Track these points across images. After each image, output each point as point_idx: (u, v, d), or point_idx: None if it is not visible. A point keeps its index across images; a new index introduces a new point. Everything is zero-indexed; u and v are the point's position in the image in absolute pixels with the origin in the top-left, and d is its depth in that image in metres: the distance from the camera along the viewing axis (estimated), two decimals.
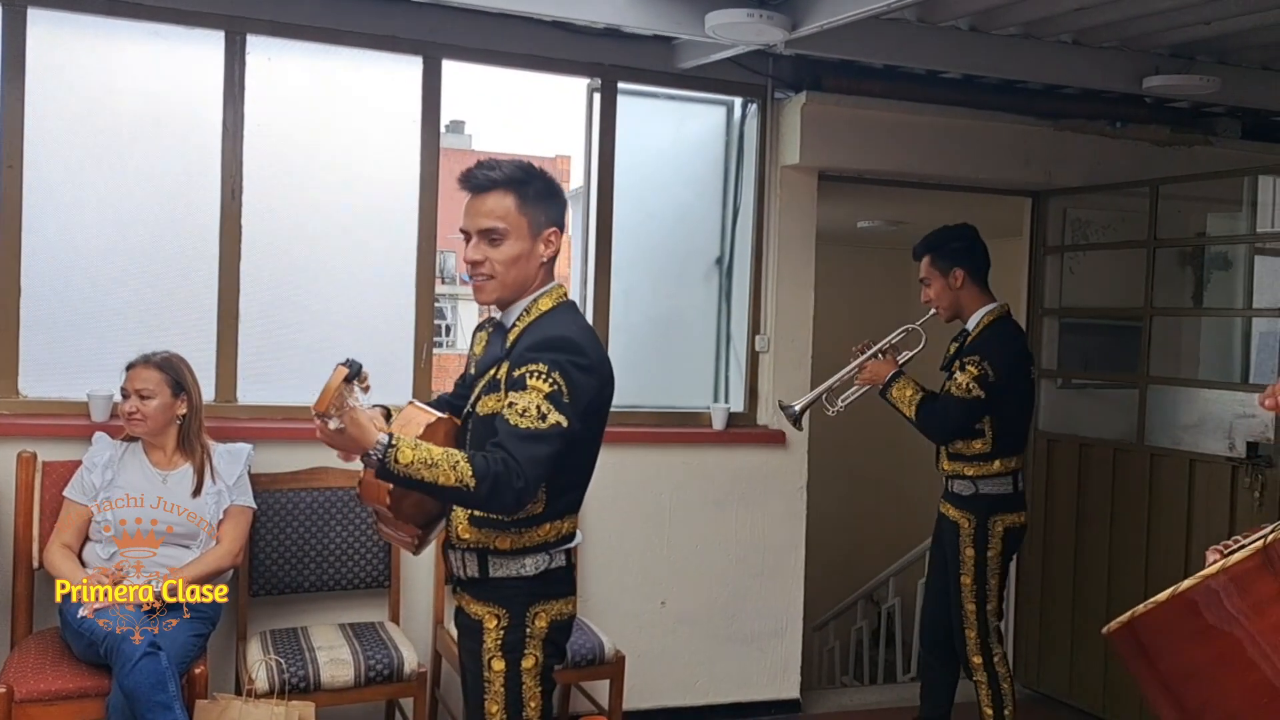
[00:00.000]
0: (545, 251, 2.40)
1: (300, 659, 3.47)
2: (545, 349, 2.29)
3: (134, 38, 3.86)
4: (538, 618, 2.37)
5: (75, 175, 3.84)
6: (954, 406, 3.70)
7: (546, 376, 2.25)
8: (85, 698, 3.15)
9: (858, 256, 8.08)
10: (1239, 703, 1.70)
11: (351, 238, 4.13)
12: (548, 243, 2.40)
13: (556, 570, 2.41)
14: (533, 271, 2.40)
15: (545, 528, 2.37)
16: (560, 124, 34.41)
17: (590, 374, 2.31)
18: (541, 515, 2.35)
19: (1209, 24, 3.87)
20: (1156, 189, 4.57)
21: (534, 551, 2.37)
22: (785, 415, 3.98)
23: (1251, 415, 4.31)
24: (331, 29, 3.97)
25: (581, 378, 2.28)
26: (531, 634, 2.36)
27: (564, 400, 2.25)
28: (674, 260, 4.73)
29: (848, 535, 7.59)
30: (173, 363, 3.51)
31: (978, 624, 3.84)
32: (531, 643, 2.37)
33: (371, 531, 3.87)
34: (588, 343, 2.35)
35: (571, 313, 2.45)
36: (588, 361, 2.31)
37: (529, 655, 2.36)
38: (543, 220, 2.39)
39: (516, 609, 2.37)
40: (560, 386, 2.25)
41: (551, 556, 2.39)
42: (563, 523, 2.40)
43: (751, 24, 3.55)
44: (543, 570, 2.37)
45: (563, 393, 2.25)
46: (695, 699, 4.54)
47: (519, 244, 2.37)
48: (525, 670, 2.36)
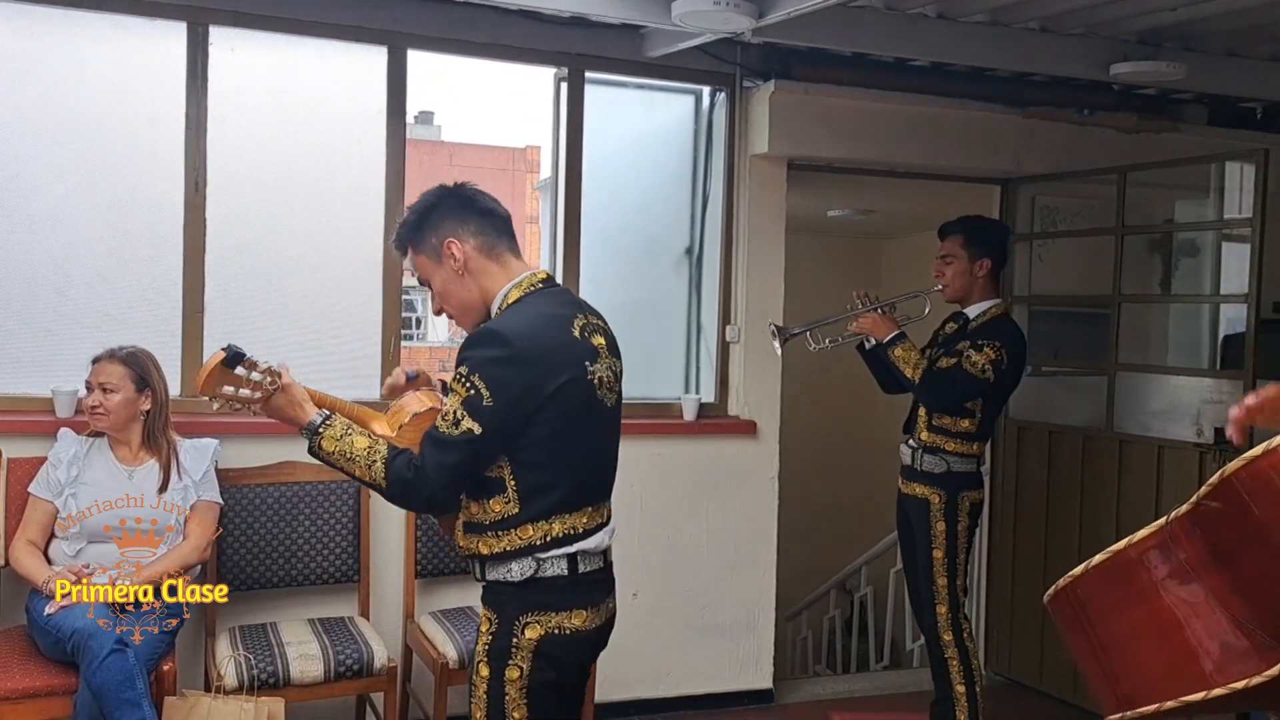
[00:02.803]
0: (456, 263, 2.33)
1: (269, 655, 3.44)
2: (466, 349, 2.23)
3: (95, 29, 3.80)
4: (528, 628, 2.25)
5: (36, 168, 3.79)
6: (963, 381, 3.78)
7: (465, 380, 2.18)
8: (53, 695, 3.13)
9: (828, 245, 8.10)
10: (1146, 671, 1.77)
11: (318, 230, 4.09)
12: (450, 255, 2.33)
13: (553, 579, 2.25)
14: (470, 285, 2.35)
15: (527, 530, 2.24)
16: (530, 114, 34.27)
17: (514, 366, 2.17)
18: (518, 516, 2.23)
19: (1175, 10, 3.89)
20: (1124, 176, 4.59)
21: (518, 556, 2.25)
22: (776, 335, 4.01)
23: (1219, 401, 4.34)
24: (294, 19, 3.93)
25: (501, 371, 2.17)
26: (518, 645, 2.25)
27: (483, 404, 2.15)
28: (643, 250, 4.72)
29: (820, 525, 7.61)
30: (138, 357, 3.47)
31: (949, 599, 3.90)
32: (518, 654, 2.25)
33: (340, 526, 3.87)
34: (520, 333, 2.21)
35: (536, 300, 2.33)
36: (508, 353, 2.18)
37: (514, 666, 2.25)
38: (432, 243, 2.35)
39: (505, 616, 2.27)
40: (477, 389, 2.16)
41: (540, 563, 2.24)
42: (550, 524, 2.24)
43: (718, 12, 3.54)
44: (530, 577, 2.24)
45: (481, 396, 2.16)
46: (668, 690, 4.54)
47: (438, 275, 2.36)
48: (509, 680, 2.25)
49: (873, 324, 3.96)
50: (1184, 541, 1.77)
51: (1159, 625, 1.77)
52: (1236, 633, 1.70)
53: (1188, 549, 1.76)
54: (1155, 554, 1.80)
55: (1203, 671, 1.70)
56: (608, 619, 2.40)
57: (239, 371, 2.30)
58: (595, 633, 2.35)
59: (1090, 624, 1.85)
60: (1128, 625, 1.80)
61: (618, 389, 2.40)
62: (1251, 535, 1.69)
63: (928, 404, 3.91)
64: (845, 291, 4.23)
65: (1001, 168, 4.88)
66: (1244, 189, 4.41)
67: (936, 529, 3.90)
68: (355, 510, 3.91)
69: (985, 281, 3.95)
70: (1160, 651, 1.76)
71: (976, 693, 3.93)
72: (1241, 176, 4.48)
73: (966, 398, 3.82)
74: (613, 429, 2.40)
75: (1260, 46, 4.41)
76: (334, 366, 4.06)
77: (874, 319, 3.97)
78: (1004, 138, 4.78)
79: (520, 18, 4.06)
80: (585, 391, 2.27)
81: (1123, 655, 1.81)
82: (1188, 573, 1.75)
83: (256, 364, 2.30)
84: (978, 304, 3.96)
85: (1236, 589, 1.71)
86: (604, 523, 2.36)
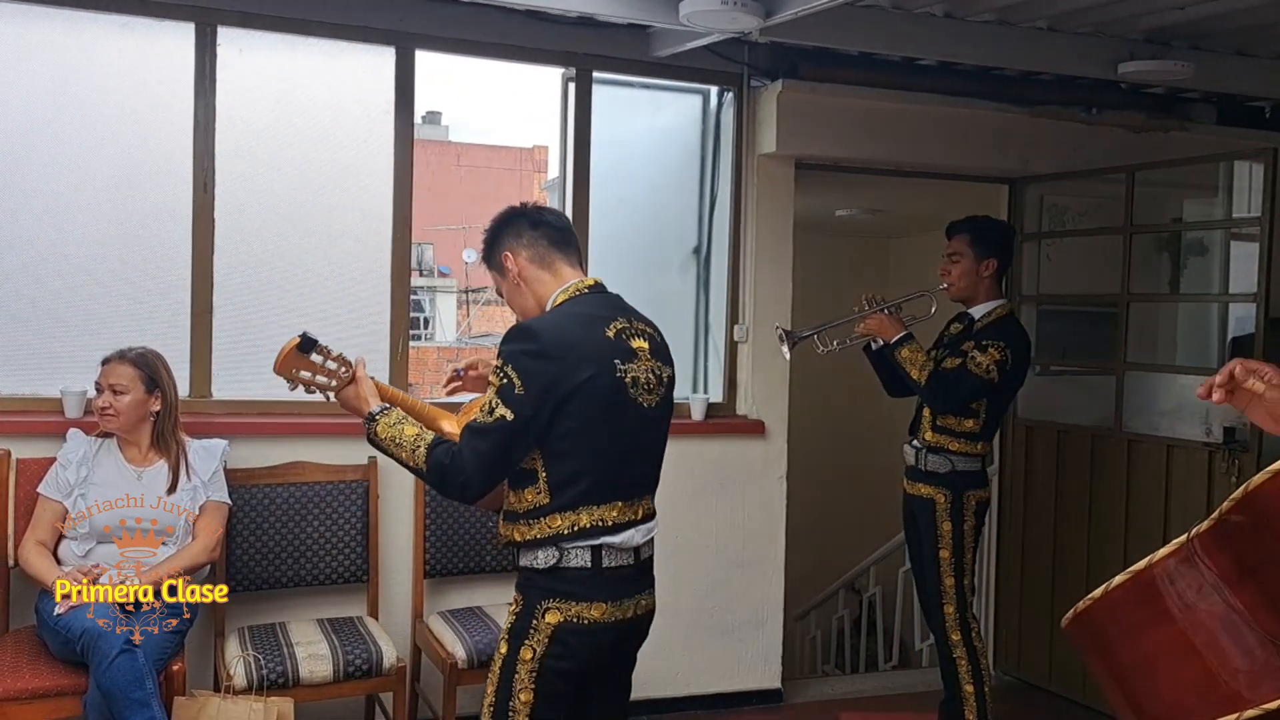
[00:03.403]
0: (512, 273, 2.56)
1: (279, 655, 3.45)
2: (503, 344, 2.40)
3: (102, 29, 3.81)
4: (548, 613, 2.40)
5: (43, 169, 3.79)
6: (968, 382, 3.78)
7: (500, 371, 2.36)
8: (62, 696, 3.13)
9: (836, 245, 8.09)
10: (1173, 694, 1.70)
11: (326, 230, 4.10)
12: (508, 266, 2.56)
13: (576, 569, 2.40)
14: (526, 293, 2.57)
15: (556, 519, 2.38)
16: (538, 114, 34.30)
17: (543, 359, 2.34)
18: (548, 506, 2.39)
19: (1183, 9, 3.88)
20: (1133, 175, 4.58)
21: (545, 545, 2.40)
22: (784, 339, 4.01)
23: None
24: (302, 20, 3.93)
25: (532, 364, 2.34)
26: (537, 627, 2.40)
27: (515, 392, 2.33)
28: (651, 250, 4.72)
29: (828, 524, 7.59)
30: (148, 359, 3.48)
31: (957, 598, 3.91)
32: (535, 635, 2.40)
33: (349, 526, 3.88)
34: (549, 329, 2.41)
35: (577, 303, 2.53)
36: (538, 347, 2.36)
37: (528, 647, 2.40)
38: (497, 259, 2.59)
39: (529, 599, 2.43)
40: (511, 379, 2.34)
41: (563, 552, 2.39)
42: (577, 515, 2.38)
43: (726, 11, 3.53)
44: (553, 565, 2.39)
45: (514, 385, 2.33)
46: (677, 690, 4.54)
47: (504, 286, 2.61)
48: (521, 660, 2.40)
49: (879, 325, 3.97)
50: (1208, 558, 1.71)
51: (1185, 645, 1.69)
52: (1268, 650, 1.63)
53: (1212, 565, 1.70)
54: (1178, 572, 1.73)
55: (1234, 691, 1.63)
56: (637, 615, 2.51)
57: (314, 358, 2.54)
58: (616, 626, 2.45)
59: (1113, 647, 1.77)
60: (1152, 647, 1.72)
61: (660, 392, 2.53)
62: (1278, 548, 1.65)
63: (933, 405, 3.91)
64: (853, 291, 4.23)
65: (1009, 167, 4.87)
66: (1252, 188, 4.40)
67: (943, 529, 3.90)
68: (364, 510, 3.91)
69: (990, 282, 3.96)
70: (1188, 672, 1.68)
71: (985, 692, 3.94)
72: (1250, 175, 4.47)
73: (971, 399, 3.83)
74: (652, 429, 2.53)
75: (1268, 45, 4.40)
76: None
77: (881, 320, 3.97)
78: (1012, 137, 4.77)
79: (527, 18, 4.06)
80: (613, 388, 2.40)
81: (1148, 678, 1.73)
82: (1213, 590, 1.69)
83: (330, 353, 2.54)
84: (983, 304, 3.96)
85: (1265, 604, 1.65)
86: (638, 520, 2.48)
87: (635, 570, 2.48)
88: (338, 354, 2.56)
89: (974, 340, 3.85)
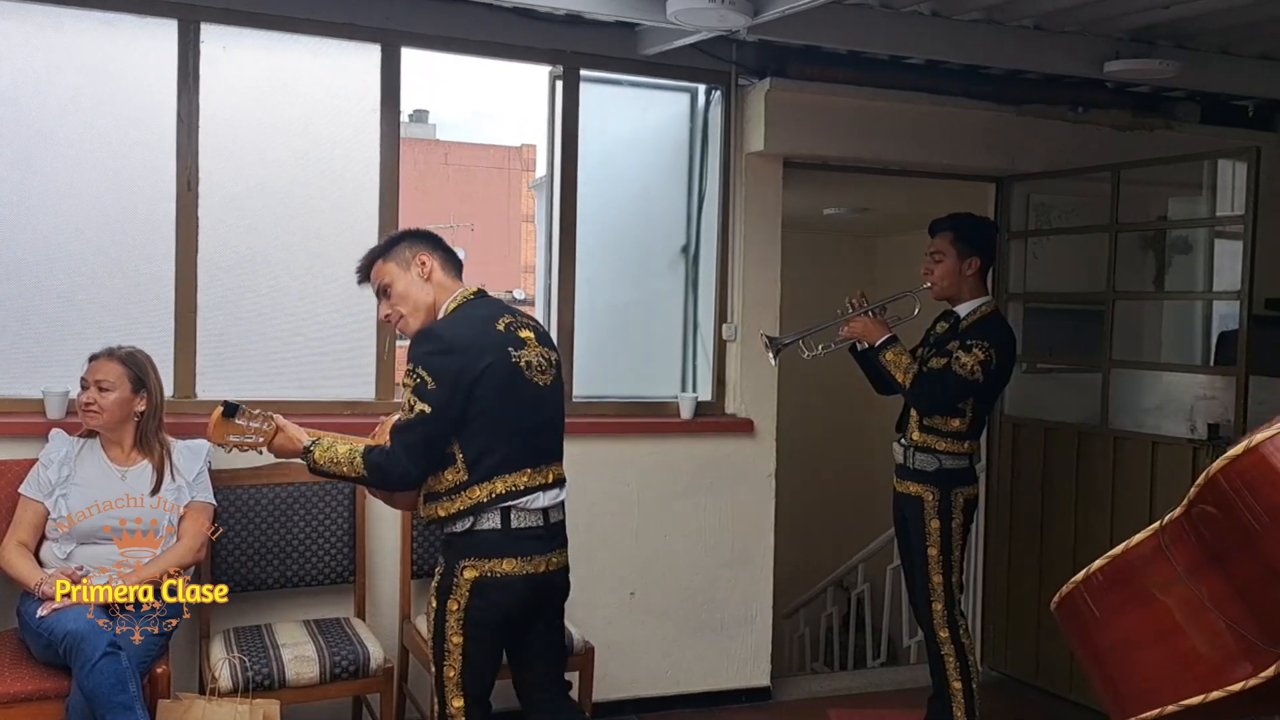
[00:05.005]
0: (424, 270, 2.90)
1: (264, 656, 3.43)
2: (412, 348, 2.78)
3: (83, 26, 3.78)
4: (465, 570, 2.79)
5: (24, 168, 3.76)
6: (954, 383, 3.78)
7: (412, 373, 2.74)
8: (45, 699, 3.10)
9: (824, 243, 8.09)
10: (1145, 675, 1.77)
11: (311, 229, 4.07)
12: (421, 264, 2.90)
13: (488, 531, 2.78)
14: (429, 290, 2.91)
15: (475, 491, 2.77)
16: (525, 113, 34.20)
17: (448, 355, 2.73)
18: (467, 481, 2.77)
19: (1168, 7, 3.89)
20: (1118, 173, 4.59)
21: (465, 514, 2.78)
22: (768, 345, 4.00)
23: (1212, 397, 4.35)
24: (287, 17, 3.91)
25: (439, 361, 2.73)
26: (458, 583, 2.80)
27: (429, 388, 2.71)
28: (639, 249, 4.70)
29: (817, 522, 7.60)
30: (137, 358, 3.45)
31: (945, 596, 3.90)
32: (457, 590, 2.79)
33: (336, 527, 3.87)
34: (449, 329, 2.80)
35: (466, 307, 2.88)
36: (443, 345, 2.75)
37: (453, 600, 2.80)
38: (405, 255, 2.92)
39: (449, 560, 2.83)
40: (424, 378, 2.72)
41: (477, 518, 2.77)
42: (493, 484, 2.77)
43: (714, 9, 3.53)
44: (468, 529, 2.78)
45: (426, 382, 2.71)
46: (666, 689, 4.54)
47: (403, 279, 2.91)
48: (450, 611, 2.81)
49: (864, 328, 3.95)
50: (1179, 544, 1.77)
51: (1157, 629, 1.76)
52: (1233, 634, 1.69)
53: (1184, 552, 1.76)
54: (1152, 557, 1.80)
55: (1202, 674, 1.70)
56: (549, 570, 2.88)
57: (239, 421, 2.84)
58: (529, 579, 2.83)
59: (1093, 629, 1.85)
60: (1127, 629, 1.81)
61: (552, 373, 2.92)
62: (1240, 534, 1.68)
63: (919, 408, 3.90)
64: (842, 289, 4.22)
65: (996, 165, 4.88)
66: (1236, 186, 4.41)
67: (931, 526, 3.90)
68: (350, 511, 3.90)
69: (974, 280, 3.95)
70: (1160, 655, 1.76)
71: (973, 688, 3.94)
72: (1234, 174, 4.48)
73: (957, 400, 3.82)
74: (549, 403, 2.90)
75: (1252, 44, 4.42)
76: (328, 365, 4.04)
77: (865, 323, 3.95)
78: (998, 135, 4.78)
79: (514, 15, 4.05)
80: (511, 371, 2.80)
81: (1124, 659, 1.81)
82: (1184, 576, 1.75)
83: (252, 413, 2.85)
84: (968, 302, 3.95)
85: (1231, 593, 1.71)
86: (548, 484, 2.87)
87: (545, 530, 2.85)
88: (258, 412, 2.86)
89: (959, 340, 3.84)
